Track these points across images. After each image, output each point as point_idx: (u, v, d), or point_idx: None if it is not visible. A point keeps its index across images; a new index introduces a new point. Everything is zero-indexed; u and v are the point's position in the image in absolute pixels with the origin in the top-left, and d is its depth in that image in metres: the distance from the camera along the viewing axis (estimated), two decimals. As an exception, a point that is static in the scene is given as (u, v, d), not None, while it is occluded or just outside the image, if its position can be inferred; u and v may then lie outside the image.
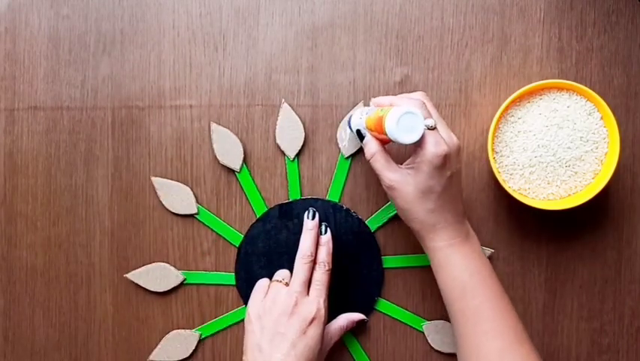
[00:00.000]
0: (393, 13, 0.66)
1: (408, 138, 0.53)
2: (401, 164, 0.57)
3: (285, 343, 0.58)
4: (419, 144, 0.54)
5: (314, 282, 0.62)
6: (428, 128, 0.54)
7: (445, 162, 0.54)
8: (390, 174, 0.56)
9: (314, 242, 0.63)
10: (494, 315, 0.55)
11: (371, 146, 0.57)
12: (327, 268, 0.62)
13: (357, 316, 0.66)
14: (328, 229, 0.64)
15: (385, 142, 0.57)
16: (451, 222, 0.56)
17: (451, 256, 0.56)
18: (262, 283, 0.65)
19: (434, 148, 0.53)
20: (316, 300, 0.61)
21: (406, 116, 0.52)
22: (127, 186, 0.68)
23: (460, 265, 0.56)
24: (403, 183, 0.55)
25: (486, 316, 0.55)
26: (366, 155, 0.58)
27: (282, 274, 0.64)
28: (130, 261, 0.68)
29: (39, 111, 0.68)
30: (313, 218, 0.65)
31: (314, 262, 0.63)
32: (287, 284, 0.62)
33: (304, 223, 0.64)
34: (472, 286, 0.56)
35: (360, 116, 0.61)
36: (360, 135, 0.59)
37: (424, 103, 0.56)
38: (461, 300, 0.56)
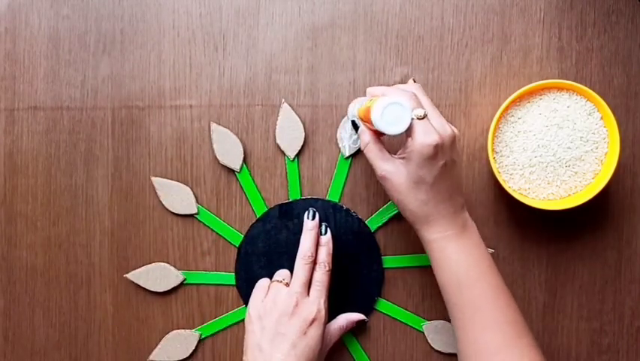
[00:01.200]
0: (393, 13, 0.65)
1: (393, 129, 0.52)
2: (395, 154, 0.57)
3: (286, 343, 0.58)
4: (409, 134, 0.53)
5: (314, 282, 0.62)
6: (418, 118, 0.53)
7: (436, 151, 0.53)
8: (383, 164, 0.56)
9: (314, 242, 0.63)
10: (492, 309, 0.55)
11: (364, 136, 0.57)
12: (327, 268, 0.62)
13: (357, 316, 0.66)
14: (328, 230, 0.64)
15: (380, 133, 0.57)
16: (444, 214, 0.55)
17: (446, 249, 0.56)
18: (262, 283, 0.64)
19: (423, 138, 0.53)
20: (316, 301, 0.61)
21: (391, 107, 0.52)
22: (127, 186, 0.68)
23: (456, 258, 0.56)
24: (395, 173, 0.55)
25: (483, 309, 0.55)
26: (360, 145, 0.58)
27: (282, 274, 0.64)
28: (130, 261, 0.68)
29: (39, 111, 0.68)
30: (313, 218, 0.64)
31: (314, 262, 0.63)
32: (287, 284, 0.62)
33: (304, 223, 0.64)
34: (468, 279, 0.55)
35: (355, 107, 0.61)
36: (355, 126, 0.59)
37: (414, 94, 0.55)
38: (458, 293, 0.55)
